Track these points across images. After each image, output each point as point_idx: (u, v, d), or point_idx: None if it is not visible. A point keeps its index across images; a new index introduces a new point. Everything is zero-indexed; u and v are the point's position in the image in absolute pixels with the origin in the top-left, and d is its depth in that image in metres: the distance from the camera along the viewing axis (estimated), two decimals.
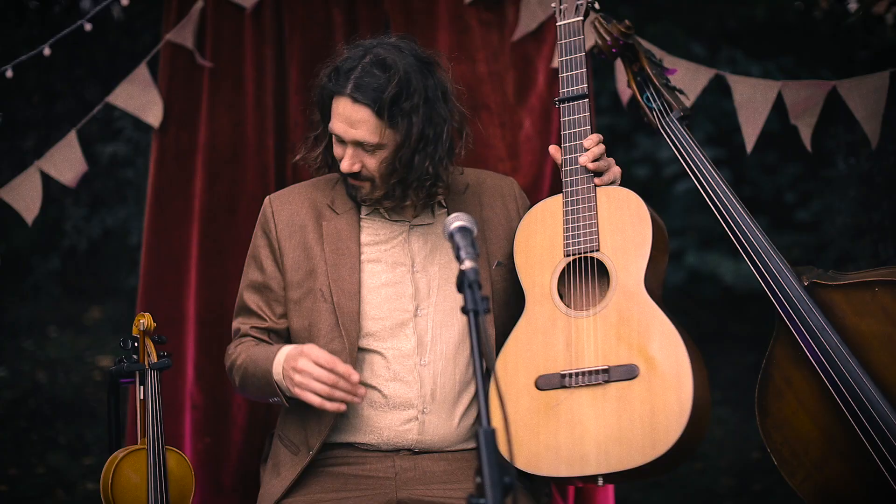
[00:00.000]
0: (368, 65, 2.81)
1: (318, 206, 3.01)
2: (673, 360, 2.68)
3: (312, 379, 2.70)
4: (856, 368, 2.83)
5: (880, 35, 6.15)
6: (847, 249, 5.71)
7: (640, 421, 2.66)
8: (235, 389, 3.05)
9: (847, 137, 5.31)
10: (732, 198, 3.02)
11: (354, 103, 2.79)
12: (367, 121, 2.80)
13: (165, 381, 3.96)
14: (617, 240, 2.81)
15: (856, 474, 2.90)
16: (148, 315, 3.05)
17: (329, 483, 2.87)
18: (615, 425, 2.69)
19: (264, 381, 2.84)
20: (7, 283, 7.32)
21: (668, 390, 2.66)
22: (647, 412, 2.66)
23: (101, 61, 6.67)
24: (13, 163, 6.55)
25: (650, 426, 2.65)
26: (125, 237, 7.16)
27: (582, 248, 2.83)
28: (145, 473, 2.95)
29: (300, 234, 2.97)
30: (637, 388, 2.69)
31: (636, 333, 2.73)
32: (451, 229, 2.32)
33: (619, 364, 2.72)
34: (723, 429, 6.33)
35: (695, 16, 7.14)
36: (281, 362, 2.79)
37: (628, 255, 2.79)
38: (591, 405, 2.72)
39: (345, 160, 2.84)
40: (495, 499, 1.98)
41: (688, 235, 7.44)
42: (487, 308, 2.18)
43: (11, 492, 5.29)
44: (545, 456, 2.74)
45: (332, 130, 2.85)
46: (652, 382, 2.68)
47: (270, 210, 3.02)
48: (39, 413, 6.18)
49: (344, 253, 2.93)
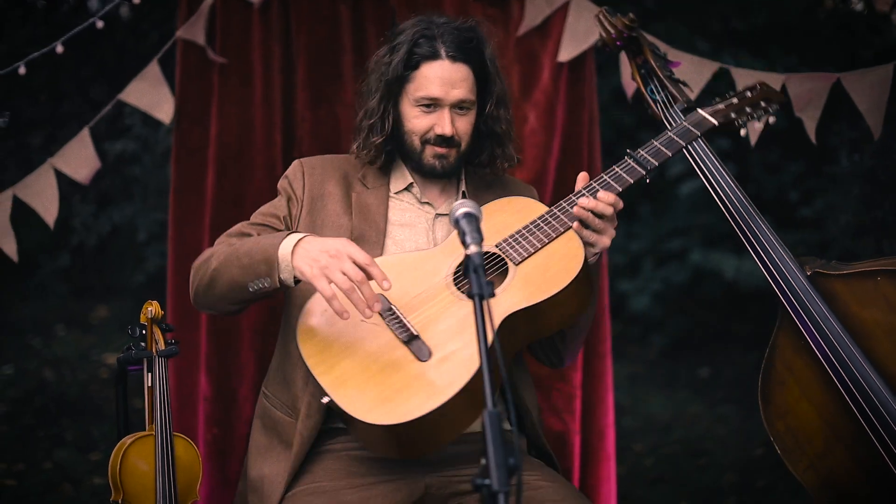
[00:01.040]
0: (454, 29, 2.91)
1: (349, 178, 3.02)
2: (449, 378, 2.60)
3: (339, 271, 2.58)
4: (858, 357, 2.86)
5: (885, 34, 6.17)
6: (850, 247, 5.72)
7: (388, 388, 2.62)
8: (198, 291, 2.85)
9: (851, 134, 5.32)
10: (735, 187, 3.05)
11: (454, 62, 2.87)
12: (466, 78, 2.89)
13: (181, 372, 4.05)
14: (536, 273, 2.75)
15: (859, 462, 2.92)
16: (156, 303, 3.07)
17: (354, 468, 2.81)
18: (378, 377, 2.65)
19: (260, 257, 2.68)
20: (14, 281, 7.37)
21: (423, 389, 2.61)
22: (397, 388, 2.61)
23: (109, 60, 6.70)
24: (20, 161, 6.59)
25: (388, 398, 2.60)
26: (133, 234, 7.18)
27: (510, 253, 2.79)
28: (153, 459, 2.98)
29: (328, 200, 2.97)
30: (411, 366, 2.64)
31: (460, 338, 2.68)
32: (457, 215, 2.35)
33: (426, 343, 2.67)
34: (726, 426, 6.35)
35: (699, 15, 7.16)
36: (295, 240, 2.67)
37: (526, 289, 2.73)
38: (381, 348, 2.69)
39: (444, 124, 2.88)
40: (500, 479, 2.00)
41: (692, 234, 7.47)
42: (492, 292, 2.19)
43: (19, 487, 5.30)
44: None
45: (428, 96, 2.88)
46: (421, 376, 2.63)
47: (301, 171, 3.02)
48: (46, 410, 6.19)
49: (370, 225, 2.94)
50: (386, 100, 2.94)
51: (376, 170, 3.03)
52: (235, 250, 2.75)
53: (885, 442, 2.84)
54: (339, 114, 4.09)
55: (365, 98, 3.01)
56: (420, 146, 2.93)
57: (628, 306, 7.55)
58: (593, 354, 4.14)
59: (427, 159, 2.94)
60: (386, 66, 2.92)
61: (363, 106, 3.01)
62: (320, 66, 4.09)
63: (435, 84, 2.87)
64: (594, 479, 4.11)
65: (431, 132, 2.91)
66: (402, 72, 2.89)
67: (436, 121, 2.90)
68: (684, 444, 6.14)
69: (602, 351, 4.15)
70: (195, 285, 2.85)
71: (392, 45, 2.95)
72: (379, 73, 2.95)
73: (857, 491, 2.96)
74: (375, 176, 3.02)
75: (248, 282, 2.71)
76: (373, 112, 2.96)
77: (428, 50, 2.87)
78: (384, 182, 3.01)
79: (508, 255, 2.79)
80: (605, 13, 3.22)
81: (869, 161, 5.25)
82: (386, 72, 2.92)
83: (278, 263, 2.66)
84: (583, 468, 4.11)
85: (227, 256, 2.76)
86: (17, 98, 6.62)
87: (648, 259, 7.64)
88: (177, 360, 4.06)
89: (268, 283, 2.68)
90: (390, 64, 2.91)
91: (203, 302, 2.87)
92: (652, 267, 7.61)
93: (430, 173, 2.97)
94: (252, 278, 2.70)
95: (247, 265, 2.70)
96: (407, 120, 2.93)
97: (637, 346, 7.75)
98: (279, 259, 2.66)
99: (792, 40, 6.99)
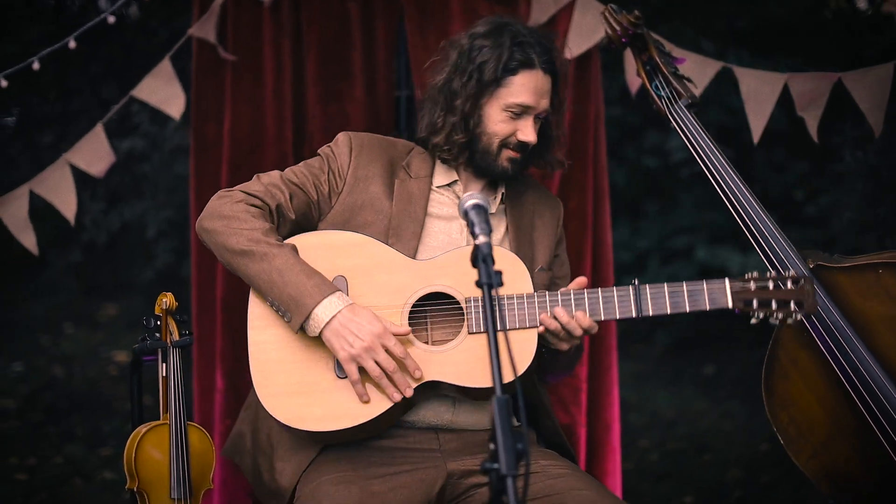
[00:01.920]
0: (542, 38, 2.94)
1: (395, 163, 3.01)
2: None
3: (372, 360, 2.69)
4: (860, 348, 2.90)
5: (889, 34, 6.18)
6: (854, 244, 5.75)
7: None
8: (210, 240, 2.82)
9: (854, 133, 5.35)
10: (738, 180, 3.10)
11: (545, 73, 2.92)
12: (550, 90, 2.95)
13: (199, 364, 4.10)
14: (479, 355, 2.76)
15: (861, 453, 2.96)
16: (170, 295, 3.11)
17: (376, 457, 2.83)
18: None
19: (292, 292, 2.70)
20: (24, 279, 7.40)
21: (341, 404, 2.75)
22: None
23: (117, 57, 6.74)
24: (31, 158, 6.65)
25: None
26: (142, 231, 7.22)
27: (471, 317, 2.78)
28: (167, 448, 3.02)
29: (371, 182, 2.96)
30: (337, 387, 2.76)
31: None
32: (466, 206, 2.37)
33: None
34: (731, 422, 6.38)
35: (704, 16, 7.18)
36: (333, 311, 2.69)
37: (463, 366, 2.76)
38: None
39: (529, 133, 2.92)
40: (508, 463, 2.04)
41: (698, 232, 7.49)
42: (500, 282, 2.22)
43: (31, 480, 5.35)
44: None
45: (521, 104, 2.90)
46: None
47: (349, 147, 2.99)
48: (56, 407, 6.23)
49: (410, 215, 2.94)
50: (473, 100, 2.92)
51: (422, 160, 3.03)
52: (271, 258, 2.73)
53: (886, 432, 2.88)
54: (349, 109, 4.14)
55: (443, 91, 2.96)
56: (497, 149, 2.94)
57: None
58: (599, 348, 4.18)
59: (502, 162, 2.95)
60: (477, 68, 2.90)
61: (441, 99, 2.97)
62: (330, 63, 4.13)
63: (529, 93, 2.89)
64: (600, 472, 4.14)
65: (513, 137, 2.93)
66: (498, 75, 2.88)
67: (519, 127, 2.92)
68: (689, 440, 6.17)
69: (608, 345, 4.18)
70: (213, 232, 2.81)
71: (481, 45, 2.91)
72: (467, 72, 2.91)
73: (860, 480, 3.00)
74: (420, 166, 3.02)
75: (268, 296, 2.75)
76: (458, 110, 2.93)
77: (524, 58, 2.88)
78: (428, 173, 3.02)
79: (469, 317, 2.80)
80: (611, 10, 3.27)
81: (872, 159, 5.28)
82: (478, 73, 2.90)
83: (309, 319, 2.70)
84: (588, 461, 4.15)
85: (258, 253, 2.74)
86: (27, 95, 6.66)
87: (655, 256, 7.67)
88: (193, 353, 4.13)
89: (287, 318, 2.73)
90: (483, 66, 2.89)
91: (207, 243, 2.84)
92: (658, 264, 7.64)
93: (501, 175, 2.99)
94: (273, 299, 2.74)
95: (277, 285, 2.72)
96: (491, 122, 2.92)
97: (643, 345, 7.77)
98: (311, 317, 2.70)
99: (796, 41, 7.01)
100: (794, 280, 2.73)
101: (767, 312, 2.73)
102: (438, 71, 3.00)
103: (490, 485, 2.07)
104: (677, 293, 2.75)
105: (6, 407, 6.22)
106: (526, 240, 3.04)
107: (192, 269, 4.25)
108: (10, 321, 7.51)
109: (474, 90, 2.90)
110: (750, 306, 2.73)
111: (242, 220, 2.78)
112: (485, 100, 2.91)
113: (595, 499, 2.76)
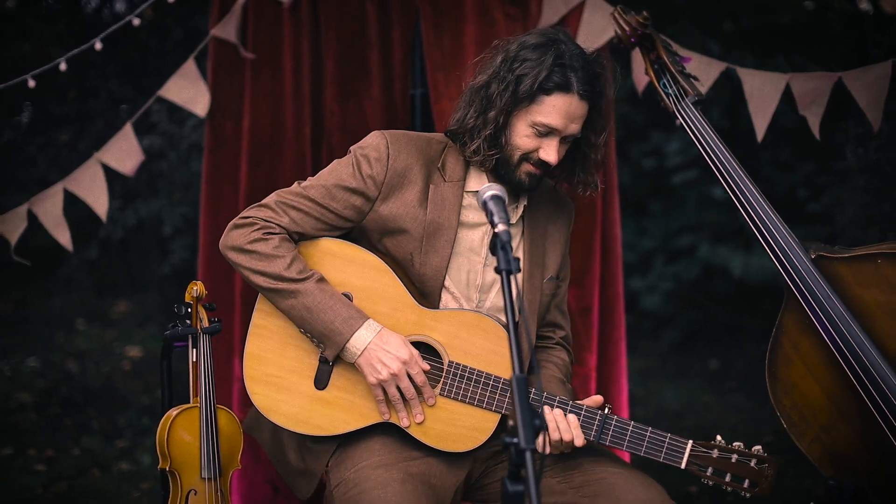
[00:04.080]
0: (586, 63, 2.90)
1: (430, 165, 3.01)
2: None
3: (395, 385, 2.85)
4: (860, 335, 2.97)
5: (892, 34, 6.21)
6: (858, 239, 5.79)
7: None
8: (240, 273, 2.95)
9: (856, 130, 5.38)
10: (743, 174, 3.18)
11: (581, 100, 2.90)
12: (584, 115, 2.93)
13: (219, 355, 4.20)
14: (444, 417, 2.93)
15: (861, 435, 3.04)
16: (200, 283, 3.20)
17: (406, 442, 2.95)
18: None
19: (325, 329, 2.84)
20: (41, 275, 7.44)
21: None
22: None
23: (132, 57, 6.80)
24: (48, 157, 6.71)
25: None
26: (158, 228, 7.28)
27: (448, 382, 2.93)
28: (197, 430, 3.13)
29: (408, 188, 2.97)
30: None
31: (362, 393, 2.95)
32: (485, 197, 2.49)
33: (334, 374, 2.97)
34: (737, 415, 6.44)
35: (709, 18, 7.23)
36: (365, 343, 2.85)
37: (428, 425, 2.93)
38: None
39: (552, 154, 2.91)
40: (527, 437, 2.16)
41: (701, 231, 7.56)
42: (518, 268, 2.34)
43: (49, 471, 5.41)
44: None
45: (548, 125, 2.89)
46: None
47: (386, 153, 2.97)
48: (72, 400, 6.25)
49: (444, 221, 2.97)
50: (506, 113, 2.91)
51: (455, 160, 3.03)
52: (297, 295, 2.86)
53: (886, 417, 2.96)
54: (367, 108, 4.21)
55: (480, 93, 2.96)
56: (518, 161, 2.95)
57: (640, 303, 7.64)
58: (608, 340, 4.27)
59: (520, 174, 2.97)
60: (515, 80, 2.88)
61: (477, 101, 2.97)
62: (348, 62, 4.22)
63: (559, 116, 2.88)
64: None
65: (535, 154, 2.93)
66: (533, 92, 2.87)
67: (543, 146, 2.92)
68: (695, 432, 6.22)
69: (616, 336, 4.27)
70: (237, 265, 2.92)
71: (525, 57, 2.90)
72: (506, 81, 2.90)
73: (860, 462, 3.07)
74: (453, 168, 3.02)
75: (301, 328, 2.92)
76: (491, 123, 2.93)
77: (562, 80, 2.86)
78: (460, 177, 3.02)
79: (446, 380, 2.93)
80: (620, 11, 3.37)
81: (874, 155, 5.34)
82: (515, 85, 2.89)
83: (343, 352, 2.86)
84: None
85: (284, 291, 2.87)
86: (46, 95, 6.72)
87: (659, 256, 7.74)
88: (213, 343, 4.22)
89: (322, 348, 2.90)
90: (521, 79, 2.88)
91: (234, 268, 2.96)
92: (663, 263, 7.71)
93: (517, 186, 3.00)
94: (307, 331, 2.91)
95: (308, 321, 2.88)
96: (517, 135, 2.93)
97: (649, 341, 7.83)
98: (345, 350, 2.86)
99: (800, 41, 7.05)
100: (759, 459, 2.86)
101: (720, 482, 2.87)
102: (482, 70, 2.99)
103: (508, 459, 2.17)
104: (639, 437, 2.99)
105: (24, 401, 6.25)
106: (539, 251, 3.10)
107: (198, 265, 4.35)
108: (27, 318, 7.58)
109: (508, 101, 2.90)
110: (704, 472, 2.88)
111: (263, 257, 2.89)
112: (515, 112, 2.91)
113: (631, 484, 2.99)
